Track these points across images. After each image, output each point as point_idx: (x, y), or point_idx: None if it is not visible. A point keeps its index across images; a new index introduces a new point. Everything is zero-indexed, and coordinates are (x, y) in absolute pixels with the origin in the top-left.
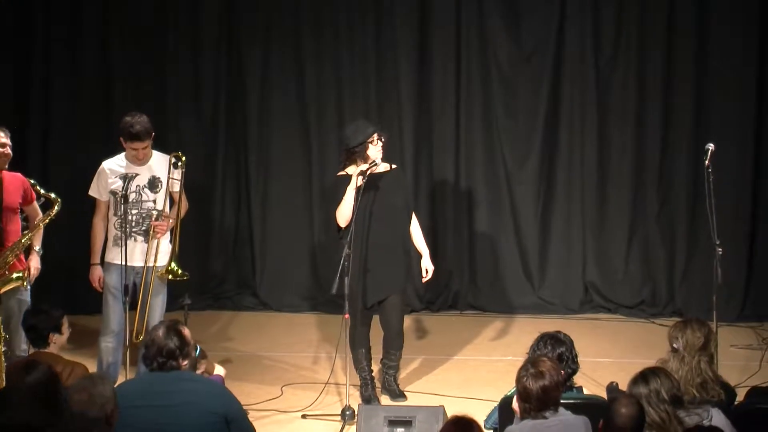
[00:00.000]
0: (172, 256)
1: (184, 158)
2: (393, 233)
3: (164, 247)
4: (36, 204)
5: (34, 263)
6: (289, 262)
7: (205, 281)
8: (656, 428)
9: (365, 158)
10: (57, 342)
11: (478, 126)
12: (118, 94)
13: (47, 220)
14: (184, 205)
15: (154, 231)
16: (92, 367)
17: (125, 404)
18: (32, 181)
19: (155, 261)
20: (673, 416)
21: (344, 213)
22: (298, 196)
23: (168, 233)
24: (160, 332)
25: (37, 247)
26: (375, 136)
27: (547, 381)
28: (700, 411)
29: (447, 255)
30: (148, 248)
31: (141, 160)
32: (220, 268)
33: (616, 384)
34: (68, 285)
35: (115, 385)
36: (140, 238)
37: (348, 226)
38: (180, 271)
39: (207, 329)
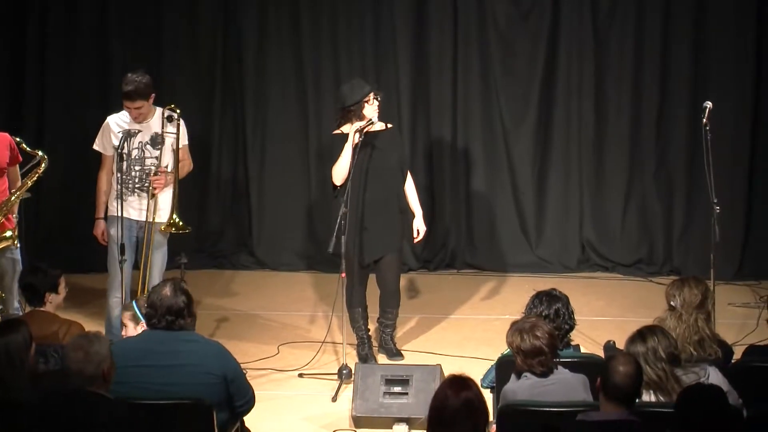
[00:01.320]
0: (173, 210)
1: (179, 111)
2: (388, 192)
3: (165, 203)
4: (17, 167)
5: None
6: (286, 221)
7: (201, 240)
8: (653, 386)
9: (361, 117)
10: (53, 301)
11: (475, 84)
12: (115, 52)
13: (35, 177)
14: (189, 164)
15: (152, 186)
16: (94, 325)
17: (125, 363)
18: (18, 139)
19: (154, 216)
20: (671, 374)
21: (341, 170)
22: (295, 155)
23: (169, 189)
24: (168, 290)
25: (15, 215)
26: (371, 95)
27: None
28: (698, 369)
29: (444, 214)
30: (148, 204)
31: (136, 119)
32: (216, 227)
33: (614, 342)
34: (64, 244)
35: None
36: (144, 194)
37: (344, 185)
38: (181, 224)
39: (204, 288)
